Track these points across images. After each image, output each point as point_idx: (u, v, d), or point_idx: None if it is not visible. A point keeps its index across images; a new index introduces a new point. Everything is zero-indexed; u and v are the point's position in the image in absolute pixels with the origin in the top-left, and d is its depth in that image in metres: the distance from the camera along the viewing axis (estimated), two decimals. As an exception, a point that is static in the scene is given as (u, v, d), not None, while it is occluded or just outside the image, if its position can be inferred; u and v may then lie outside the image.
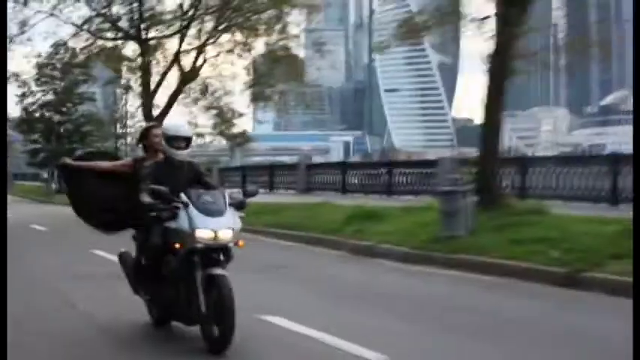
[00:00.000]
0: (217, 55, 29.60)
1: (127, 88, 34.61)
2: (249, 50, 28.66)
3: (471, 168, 15.64)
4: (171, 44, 29.55)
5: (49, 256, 14.25)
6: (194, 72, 29.33)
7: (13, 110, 48.99)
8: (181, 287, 6.32)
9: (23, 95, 47.48)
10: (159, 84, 29.87)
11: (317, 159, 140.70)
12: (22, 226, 21.35)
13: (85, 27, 29.18)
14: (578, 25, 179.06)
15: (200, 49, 29.15)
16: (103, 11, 28.90)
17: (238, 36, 28.65)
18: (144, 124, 31.46)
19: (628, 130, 55.41)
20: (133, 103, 35.95)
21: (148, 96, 29.46)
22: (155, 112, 29.63)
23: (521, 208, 13.88)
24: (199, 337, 6.23)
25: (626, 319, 6.35)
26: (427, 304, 8.78)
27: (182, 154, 6.71)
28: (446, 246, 12.05)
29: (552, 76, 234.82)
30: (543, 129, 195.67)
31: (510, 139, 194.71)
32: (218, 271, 6.13)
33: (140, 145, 7.32)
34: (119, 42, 30.01)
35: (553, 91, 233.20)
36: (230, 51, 29.05)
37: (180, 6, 28.64)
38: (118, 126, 47.91)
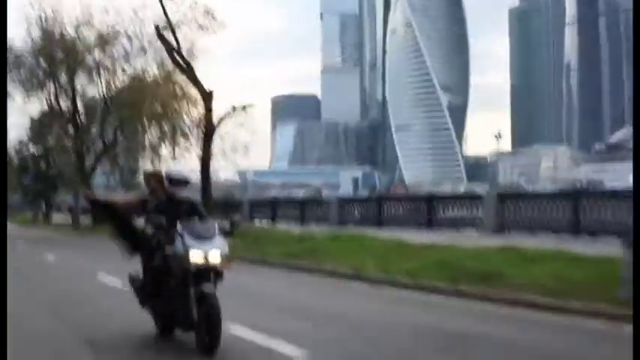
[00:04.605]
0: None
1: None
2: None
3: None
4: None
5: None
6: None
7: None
8: (179, 301, 7.46)
9: (21, 149, 61.65)
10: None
11: (327, 193, 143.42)
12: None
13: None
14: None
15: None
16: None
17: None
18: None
19: (627, 166, 58.70)
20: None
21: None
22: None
23: (255, 229, 26.59)
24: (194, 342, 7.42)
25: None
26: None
27: (182, 193, 8.13)
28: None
29: (565, 114, 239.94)
30: (543, 165, 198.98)
31: (511, 174, 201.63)
32: (208, 288, 7.28)
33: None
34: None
35: (565, 129, 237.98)
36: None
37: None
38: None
